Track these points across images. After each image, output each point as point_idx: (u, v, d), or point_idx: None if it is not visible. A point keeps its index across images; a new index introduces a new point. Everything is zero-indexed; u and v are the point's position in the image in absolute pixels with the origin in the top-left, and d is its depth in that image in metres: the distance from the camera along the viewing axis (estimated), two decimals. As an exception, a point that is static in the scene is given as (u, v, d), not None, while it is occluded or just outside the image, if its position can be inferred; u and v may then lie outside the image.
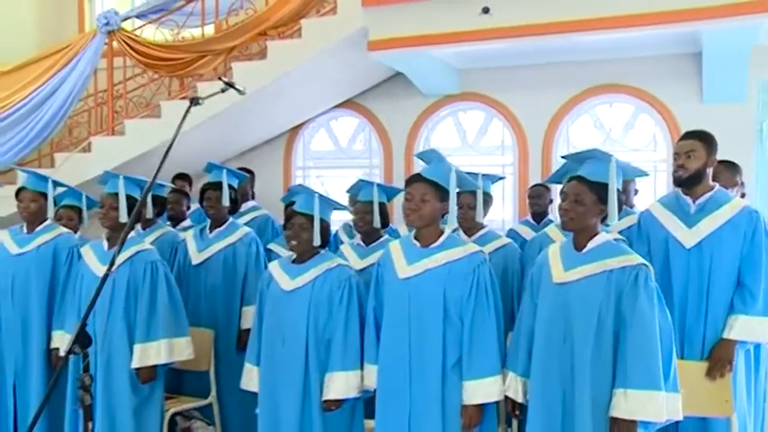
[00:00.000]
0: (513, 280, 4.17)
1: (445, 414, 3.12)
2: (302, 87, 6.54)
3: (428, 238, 3.21)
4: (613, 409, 2.78)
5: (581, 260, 2.93)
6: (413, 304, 3.15)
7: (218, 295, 4.54)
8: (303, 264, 3.41)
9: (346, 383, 3.28)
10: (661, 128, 6.39)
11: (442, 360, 3.11)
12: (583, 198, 2.88)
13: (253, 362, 3.51)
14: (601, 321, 2.83)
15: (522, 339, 3.10)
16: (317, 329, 3.33)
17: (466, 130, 7.15)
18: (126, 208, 3.82)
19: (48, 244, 4.17)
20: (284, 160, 7.66)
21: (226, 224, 4.63)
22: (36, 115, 6.49)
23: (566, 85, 6.61)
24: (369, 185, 4.25)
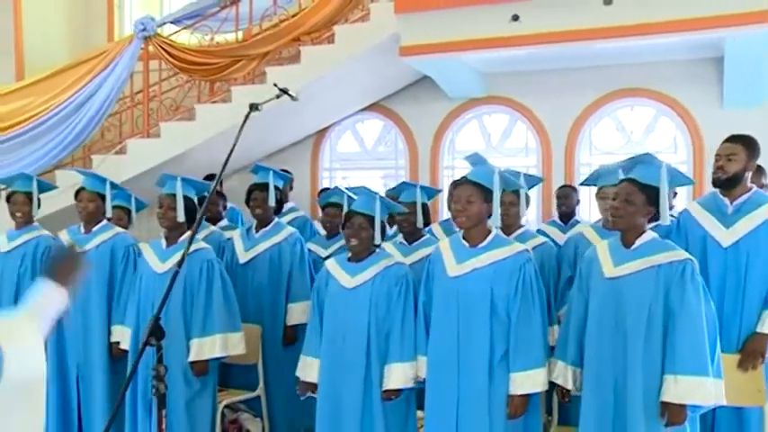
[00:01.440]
0: (549, 277, 4.34)
1: (492, 404, 3.29)
2: (332, 91, 6.72)
3: (476, 237, 3.38)
4: (664, 394, 2.95)
5: (630, 256, 3.10)
6: (461, 301, 3.33)
7: (264, 292, 4.72)
8: (361, 262, 3.59)
9: (404, 374, 3.46)
10: (681, 131, 6.56)
11: (489, 353, 3.29)
12: (633, 198, 3.05)
13: (312, 355, 3.69)
14: (651, 313, 3.01)
15: (571, 330, 3.29)
16: (378, 324, 3.51)
17: (490, 133, 7.33)
18: (183, 208, 4.00)
19: (106, 243, 4.36)
20: (311, 162, 7.84)
21: (271, 224, 4.81)
22: (74, 119, 6.67)
23: (588, 89, 6.79)
24: (412, 187, 4.44)
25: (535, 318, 3.28)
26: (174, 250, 4.03)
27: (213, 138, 6.60)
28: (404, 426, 3.62)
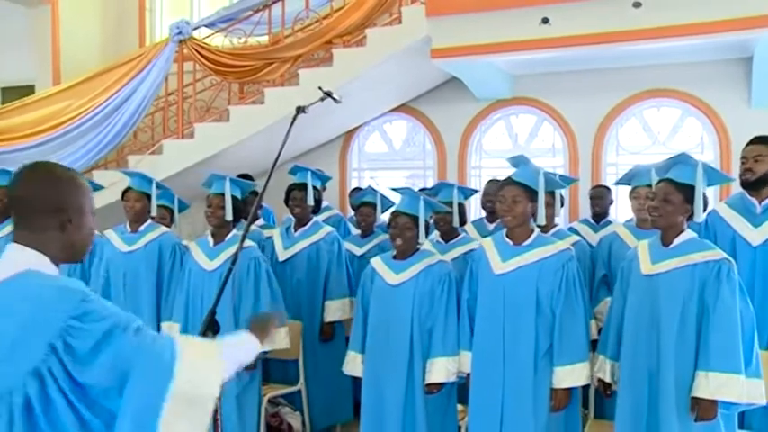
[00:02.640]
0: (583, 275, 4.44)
1: (536, 397, 3.42)
2: (362, 93, 6.84)
3: (520, 236, 3.51)
4: (696, 390, 3.04)
5: (668, 254, 3.20)
6: (507, 298, 3.46)
7: (303, 290, 4.87)
8: (406, 260, 3.72)
9: (446, 368, 3.59)
10: (708, 131, 6.63)
11: (534, 348, 3.42)
12: (671, 198, 3.15)
13: (357, 349, 3.83)
14: (685, 309, 3.10)
15: (611, 326, 3.40)
16: (421, 319, 3.64)
17: (517, 134, 7.43)
18: (231, 207, 4.14)
19: (154, 242, 4.52)
20: (340, 162, 7.98)
21: (310, 223, 4.96)
22: (112, 120, 6.84)
23: (615, 90, 6.87)
24: (449, 187, 4.57)
25: (578, 314, 3.40)
26: (221, 248, 4.18)
27: (246, 139, 6.75)
28: (444, 418, 3.75)
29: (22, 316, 1.47)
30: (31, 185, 1.65)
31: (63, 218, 1.64)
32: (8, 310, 1.48)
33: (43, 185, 1.65)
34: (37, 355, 1.43)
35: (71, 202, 1.67)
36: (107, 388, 1.47)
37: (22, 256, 1.59)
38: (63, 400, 1.44)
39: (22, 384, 1.42)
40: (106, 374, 1.47)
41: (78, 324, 1.47)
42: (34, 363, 1.43)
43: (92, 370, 1.45)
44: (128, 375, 1.48)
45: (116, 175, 6.41)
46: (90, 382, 1.45)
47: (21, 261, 1.58)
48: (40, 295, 1.51)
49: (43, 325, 1.45)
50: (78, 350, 1.45)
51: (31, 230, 1.62)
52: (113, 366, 1.48)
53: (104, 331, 1.49)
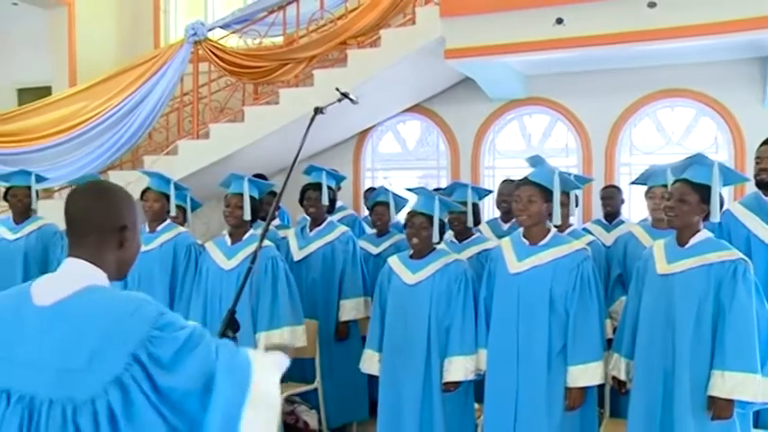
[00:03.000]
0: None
1: (550, 396, 3.45)
2: (376, 93, 6.87)
3: (536, 236, 3.53)
4: (711, 389, 3.06)
5: (683, 254, 3.22)
6: (522, 297, 3.49)
7: (318, 289, 4.91)
8: (422, 259, 3.76)
9: (464, 367, 3.62)
10: (723, 131, 6.63)
11: (547, 347, 3.45)
12: (687, 198, 3.16)
13: (374, 348, 3.87)
14: (700, 309, 3.12)
15: (626, 325, 3.42)
16: (438, 318, 3.68)
17: (531, 134, 7.45)
18: (249, 207, 4.18)
19: (169, 242, 4.57)
20: (354, 162, 8.02)
21: (324, 223, 4.99)
22: (128, 121, 6.90)
23: (629, 90, 6.88)
24: (463, 187, 4.59)
25: (593, 313, 3.42)
26: (238, 247, 4.22)
27: (261, 139, 6.80)
28: (461, 417, 3.78)
29: (100, 328, 1.52)
30: (91, 204, 1.69)
31: (122, 236, 1.69)
32: (84, 323, 1.53)
33: (104, 204, 1.70)
34: (118, 365, 1.49)
35: (129, 219, 1.72)
36: (189, 392, 1.53)
37: (85, 271, 1.64)
38: (148, 405, 1.50)
39: (104, 393, 1.48)
40: (188, 379, 1.53)
41: (160, 334, 1.53)
42: (115, 372, 1.49)
43: (175, 376, 1.52)
44: (211, 379, 1.55)
45: (132, 174, 6.47)
46: (173, 387, 1.51)
47: (84, 276, 1.63)
48: (117, 308, 1.56)
49: (124, 336, 1.51)
50: (162, 358, 1.51)
51: (91, 247, 1.66)
52: (196, 371, 1.54)
53: (185, 339, 1.55)
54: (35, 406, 1.50)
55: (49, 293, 1.59)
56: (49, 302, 1.58)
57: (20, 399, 1.51)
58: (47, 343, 1.53)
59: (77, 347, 1.50)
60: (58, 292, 1.59)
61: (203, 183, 6.52)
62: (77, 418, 1.47)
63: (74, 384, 1.49)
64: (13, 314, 1.59)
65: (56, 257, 5.00)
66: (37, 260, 5.06)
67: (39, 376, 1.51)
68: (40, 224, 5.18)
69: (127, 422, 1.48)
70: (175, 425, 1.52)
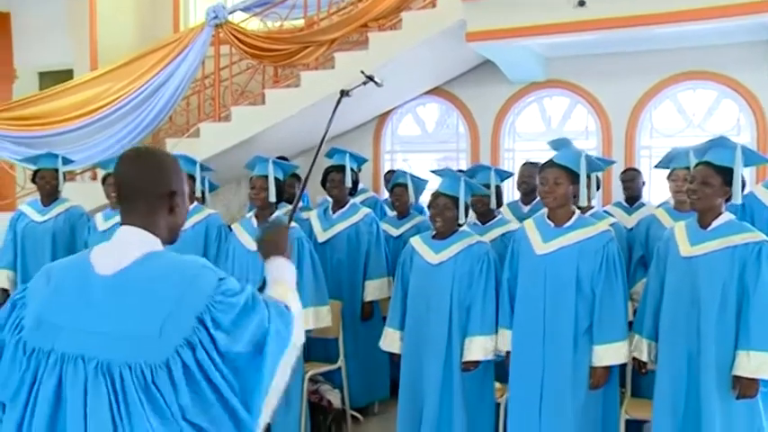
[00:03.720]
0: (618, 256, 4.49)
1: (575, 375, 3.49)
2: (396, 76, 6.89)
3: (561, 218, 3.56)
4: (737, 369, 3.10)
5: (707, 237, 3.23)
6: (548, 278, 3.52)
7: (343, 270, 4.96)
8: (445, 240, 3.80)
9: (484, 347, 3.67)
10: (745, 113, 6.61)
11: (574, 327, 3.48)
12: (710, 180, 3.17)
13: (395, 327, 3.93)
14: (725, 291, 3.15)
15: (648, 307, 3.45)
16: (460, 298, 3.72)
17: (550, 116, 7.45)
18: (275, 189, 4.24)
19: (200, 223, 4.64)
20: (373, 144, 8.07)
21: (348, 205, 5.04)
22: (150, 103, 6.98)
23: (650, 72, 6.87)
24: (486, 169, 4.63)
25: (618, 294, 3.46)
26: (264, 229, 4.27)
27: (282, 122, 6.85)
28: (481, 395, 3.83)
29: (168, 294, 1.58)
30: (141, 170, 1.72)
31: (173, 201, 1.74)
32: (152, 290, 1.59)
33: (154, 170, 1.73)
34: (187, 328, 1.57)
35: (178, 185, 1.76)
36: (244, 353, 1.61)
37: (141, 238, 1.68)
38: (212, 367, 1.57)
39: (177, 355, 1.56)
40: (244, 342, 1.61)
41: (222, 298, 1.60)
42: (185, 335, 1.56)
43: (233, 339, 1.59)
44: (263, 342, 1.63)
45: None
46: (231, 350, 1.59)
47: (142, 243, 1.67)
48: (181, 273, 1.62)
49: (191, 300, 1.58)
50: (222, 322, 1.58)
51: (142, 214, 1.70)
52: (251, 335, 1.62)
53: (243, 304, 1.62)
54: (114, 371, 1.56)
55: (110, 263, 1.64)
56: (111, 272, 1.62)
57: (98, 365, 1.56)
58: (116, 312, 1.58)
59: (148, 314, 1.57)
60: (121, 260, 1.63)
61: (224, 165, 6.59)
62: (156, 380, 1.55)
63: (149, 349, 1.56)
64: (79, 285, 1.64)
65: (83, 239, 5.08)
66: (65, 241, 5.16)
67: (114, 344, 1.56)
68: (67, 206, 5.27)
69: (198, 381, 1.56)
70: (232, 383, 1.60)
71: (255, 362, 1.63)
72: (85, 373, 1.57)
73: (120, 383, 1.55)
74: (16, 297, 1.72)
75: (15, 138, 7.06)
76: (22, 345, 1.63)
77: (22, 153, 6.88)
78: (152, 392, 1.55)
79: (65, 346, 1.59)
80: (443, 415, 3.72)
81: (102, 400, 1.55)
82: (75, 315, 1.61)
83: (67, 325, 1.60)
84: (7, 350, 1.66)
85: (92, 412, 1.55)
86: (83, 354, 1.58)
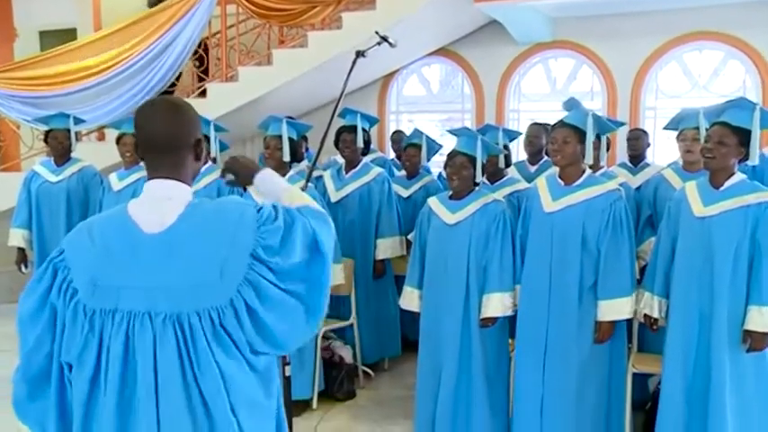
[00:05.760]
0: (626, 216, 4.56)
1: (580, 329, 3.60)
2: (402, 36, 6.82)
3: (571, 176, 3.63)
4: (748, 323, 3.19)
5: (720, 196, 3.30)
6: (555, 235, 3.61)
7: (356, 229, 5.05)
8: (462, 200, 3.86)
9: (502, 303, 3.76)
10: (751, 74, 6.63)
11: (578, 283, 3.58)
12: (726, 141, 3.22)
13: (414, 285, 4.01)
14: (738, 249, 3.23)
15: (659, 264, 3.53)
16: (477, 257, 3.80)
17: (556, 77, 7.47)
18: (288, 148, 4.29)
19: (213, 183, 4.70)
20: (378, 105, 8.08)
21: (360, 165, 5.10)
22: (156, 64, 6.95)
23: (656, 33, 6.87)
24: (495, 129, 4.67)
25: (624, 251, 3.54)
26: (279, 189, 4.33)
27: (290, 82, 6.85)
28: (498, 351, 3.92)
29: (219, 241, 1.65)
30: (170, 121, 1.75)
31: (199, 148, 1.79)
32: (203, 240, 1.65)
33: (182, 120, 1.76)
34: (243, 267, 1.64)
35: (201, 131, 1.82)
36: (302, 262, 1.70)
37: (180, 191, 1.72)
38: (276, 290, 1.66)
39: (238, 294, 1.64)
40: (299, 253, 1.69)
41: (265, 228, 1.67)
42: (243, 274, 1.64)
43: (288, 256, 1.67)
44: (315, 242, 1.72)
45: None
46: (290, 265, 1.68)
47: (180, 195, 1.72)
48: (226, 218, 1.68)
49: (241, 241, 1.65)
50: (273, 246, 1.66)
51: (174, 165, 1.73)
52: (302, 244, 1.70)
53: (284, 222, 1.69)
54: (183, 321, 1.63)
55: (156, 219, 1.68)
56: (160, 229, 1.67)
57: (166, 318, 1.63)
58: (176, 266, 1.64)
59: (206, 262, 1.64)
60: (165, 217, 1.68)
61: (231, 126, 6.56)
62: (224, 322, 1.64)
63: (213, 294, 1.63)
64: (129, 244, 1.67)
65: (97, 198, 5.14)
66: (79, 201, 5.21)
67: (179, 296, 1.63)
68: (80, 166, 5.32)
69: (264, 311, 1.65)
70: (299, 291, 1.69)
71: (317, 262, 1.71)
72: (153, 327, 1.63)
73: (189, 332, 1.63)
74: (56, 260, 1.72)
75: (22, 98, 7.05)
76: (82, 308, 1.66)
77: (30, 113, 6.89)
78: (220, 334, 1.63)
79: (129, 305, 1.64)
80: (462, 371, 3.82)
81: (172, 350, 1.62)
82: (133, 274, 1.65)
83: (127, 284, 1.65)
84: (65, 314, 1.68)
85: (162, 362, 1.62)
86: (149, 310, 1.63)
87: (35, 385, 1.74)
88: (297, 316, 1.70)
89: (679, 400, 3.35)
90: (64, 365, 1.71)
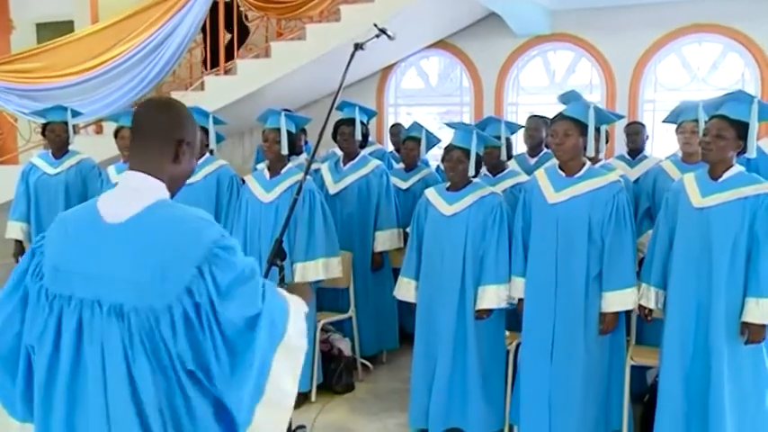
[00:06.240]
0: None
1: (586, 320, 3.60)
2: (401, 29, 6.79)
3: (572, 168, 3.63)
4: (746, 315, 3.20)
5: (718, 188, 3.30)
6: (560, 226, 3.61)
7: (354, 222, 5.04)
8: (459, 191, 3.87)
9: (497, 295, 3.77)
10: (750, 67, 6.63)
11: (585, 274, 3.58)
12: (724, 134, 3.22)
13: (411, 276, 4.01)
14: (736, 240, 3.23)
15: (656, 256, 3.54)
16: (473, 249, 3.81)
17: (554, 70, 7.46)
18: (287, 141, 4.28)
19: (212, 175, 4.69)
20: (377, 98, 8.07)
21: (358, 157, 5.09)
22: (155, 57, 6.93)
23: (655, 26, 6.87)
24: (496, 122, 4.66)
25: (627, 242, 3.55)
26: (277, 181, 4.34)
27: (288, 75, 6.84)
28: (494, 343, 3.94)
29: (171, 242, 1.62)
30: (157, 113, 1.76)
31: (179, 149, 1.76)
32: (157, 238, 1.63)
33: (169, 115, 1.77)
34: (187, 276, 1.59)
35: (189, 135, 1.78)
36: (235, 323, 1.62)
37: (149, 185, 1.71)
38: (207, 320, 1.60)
39: (178, 301, 1.59)
40: (237, 309, 1.61)
41: (222, 253, 1.61)
42: (185, 283, 1.59)
43: (228, 303, 1.61)
44: (256, 319, 1.63)
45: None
46: (224, 314, 1.61)
47: (150, 190, 1.70)
48: (186, 224, 1.65)
49: (192, 250, 1.60)
50: (220, 282, 1.60)
51: (151, 158, 1.73)
52: (244, 305, 1.63)
53: (242, 268, 1.63)
54: (125, 313, 1.61)
55: (119, 210, 1.68)
56: (119, 219, 1.66)
57: (110, 309, 1.63)
58: (125, 258, 1.63)
59: (151, 260, 1.61)
60: (129, 208, 1.67)
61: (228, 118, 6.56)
62: (159, 326, 1.60)
63: (153, 294, 1.60)
64: (90, 232, 1.68)
65: (95, 190, 5.13)
66: (77, 193, 5.20)
67: (124, 288, 1.61)
68: (78, 159, 5.31)
69: (198, 328, 1.60)
70: (219, 350, 1.61)
71: (246, 338, 1.62)
72: (101, 316, 1.63)
73: (128, 325, 1.61)
74: (35, 245, 1.77)
75: (19, 90, 7.03)
76: (44, 291, 1.69)
77: (28, 106, 6.87)
78: (155, 338, 1.60)
79: (82, 292, 1.65)
80: (457, 362, 3.83)
81: (117, 342, 1.61)
82: (88, 262, 1.66)
83: (82, 271, 1.66)
84: (31, 296, 1.72)
85: (108, 353, 1.62)
86: (98, 298, 1.64)
87: (5, 364, 1.76)
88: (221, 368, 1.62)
89: (677, 391, 3.36)
90: (29, 347, 1.74)
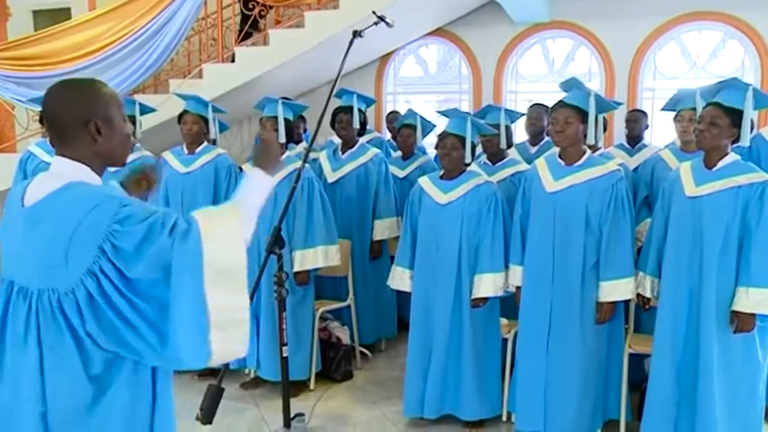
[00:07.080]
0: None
1: (583, 309, 3.61)
2: (399, 16, 6.76)
3: (572, 157, 3.63)
4: (736, 304, 3.21)
5: (712, 177, 3.30)
6: (558, 215, 3.61)
7: (353, 210, 5.05)
8: (453, 180, 3.87)
9: (493, 283, 3.78)
10: (750, 54, 6.61)
11: (582, 263, 3.59)
12: (718, 121, 3.21)
13: (405, 265, 4.02)
14: (728, 230, 3.23)
15: (653, 244, 3.55)
16: (468, 237, 3.81)
17: (554, 58, 7.44)
18: (285, 129, 4.27)
19: (210, 163, 4.69)
20: (375, 86, 8.05)
21: (356, 145, 5.08)
22: (152, 44, 6.89)
23: (654, 13, 6.84)
24: (496, 110, 4.65)
25: (625, 232, 3.55)
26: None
27: (286, 62, 6.81)
28: (488, 331, 3.95)
29: (73, 223, 1.66)
30: (57, 101, 1.77)
31: (91, 129, 1.76)
32: (60, 219, 1.67)
33: (68, 100, 1.77)
34: (89, 257, 1.65)
35: (96, 112, 1.77)
36: (154, 280, 1.68)
37: (66, 169, 1.75)
38: (117, 294, 1.66)
39: (81, 283, 1.65)
40: (151, 269, 1.67)
41: (120, 228, 1.65)
42: (87, 264, 1.65)
43: (138, 266, 1.66)
44: (169, 268, 1.67)
45: (158, 98, 6.53)
46: (138, 277, 1.66)
47: (65, 173, 1.74)
48: (81, 205, 1.68)
49: (92, 230, 1.65)
50: (124, 250, 1.65)
51: (67, 144, 1.77)
52: (156, 262, 1.67)
53: (144, 232, 1.66)
54: (30, 295, 1.70)
55: (35, 194, 1.74)
56: (29, 204, 1.74)
57: (20, 289, 1.72)
58: (32, 240, 1.70)
59: (54, 244, 1.67)
60: (38, 192, 1.73)
61: (228, 106, 6.54)
62: (63, 306, 1.67)
63: (56, 278, 1.67)
64: (14, 215, 1.77)
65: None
66: None
67: (30, 270, 1.70)
68: None
69: (103, 308, 1.66)
70: (144, 309, 1.67)
71: (167, 287, 1.68)
72: (15, 297, 1.72)
73: (35, 306, 1.68)
74: None
75: (17, 78, 7.00)
76: None
77: (25, 94, 6.84)
78: (58, 319, 1.66)
79: (8, 273, 1.76)
80: (452, 351, 3.85)
81: (20, 322, 1.69)
82: (11, 244, 1.76)
83: (8, 252, 1.76)
84: None
85: (11, 332, 1.71)
86: (13, 279, 1.74)
87: None
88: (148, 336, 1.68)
89: (668, 378, 3.38)
90: None
